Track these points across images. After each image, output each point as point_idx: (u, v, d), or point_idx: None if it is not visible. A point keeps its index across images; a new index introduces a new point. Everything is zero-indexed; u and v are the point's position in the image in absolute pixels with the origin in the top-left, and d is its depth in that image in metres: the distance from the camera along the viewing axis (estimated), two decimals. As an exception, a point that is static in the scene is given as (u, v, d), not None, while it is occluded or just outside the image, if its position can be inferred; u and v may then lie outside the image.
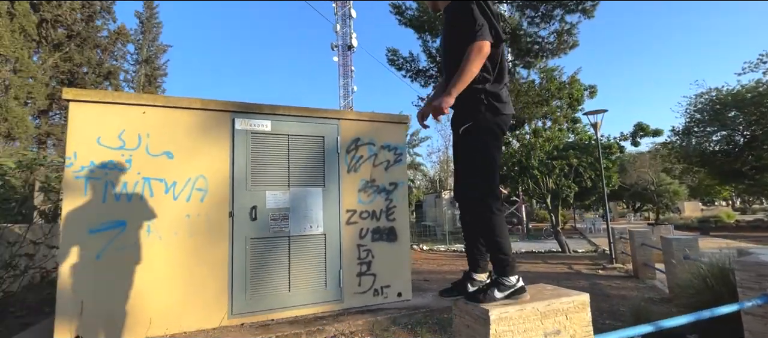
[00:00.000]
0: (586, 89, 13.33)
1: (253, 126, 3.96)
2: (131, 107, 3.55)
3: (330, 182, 4.24)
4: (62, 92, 3.44)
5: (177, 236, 3.57)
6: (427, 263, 13.00)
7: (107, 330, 3.25)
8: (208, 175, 3.75)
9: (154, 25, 29.61)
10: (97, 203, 3.34)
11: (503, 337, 1.63)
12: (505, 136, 1.97)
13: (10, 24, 9.66)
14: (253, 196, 3.89)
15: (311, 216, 4.10)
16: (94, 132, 3.40)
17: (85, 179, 3.33)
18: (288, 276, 3.95)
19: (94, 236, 3.30)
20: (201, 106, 3.79)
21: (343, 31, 72.60)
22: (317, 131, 4.26)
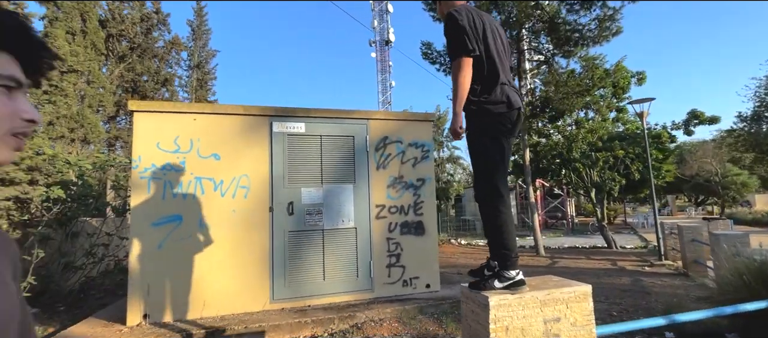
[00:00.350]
0: (634, 76, 12.54)
1: (288, 128, 4.31)
2: (184, 115, 4.02)
3: (360, 179, 4.50)
4: (128, 104, 3.98)
5: (225, 229, 4.00)
6: (464, 257, 12.99)
7: (169, 311, 3.75)
8: (251, 174, 4.15)
9: (203, 31, 31.59)
10: (157, 199, 3.84)
11: (502, 321, 1.79)
12: (513, 131, 2.08)
13: (83, 41, 10.94)
14: (290, 192, 4.24)
15: (343, 211, 4.39)
16: (154, 138, 3.90)
17: (147, 179, 3.84)
18: (322, 266, 4.27)
19: (155, 228, 3.81)
20: (243, 112, 4.20)
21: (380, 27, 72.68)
22: (347, 131, 4.52)
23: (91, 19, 11.37)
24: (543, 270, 9.00)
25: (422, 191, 4.73)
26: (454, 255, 14.21)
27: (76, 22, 10.77)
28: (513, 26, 11.04)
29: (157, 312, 3.71)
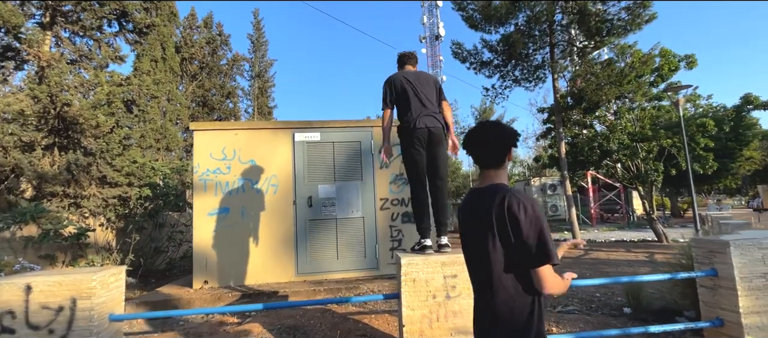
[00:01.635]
0: (682, 60, 11.78)
1: (307, 138, 5.37)
2: (228, 131, 5.26)
3: (366, 177, 5.43)
4: (190, 125, 5.32)
5: (260, 218, 5.18)
6: None
7: (221, 278, 5.01)
8: (278, 174, 5.28)
9: (262, 43, 34.59)
10: (211, 196, 5.12)
11: (411, 275, 2.61)
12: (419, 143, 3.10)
13: (164, 66, 13.22)
14: (309, 188, 5.30)
15: (352, 203, 5.36)
16: (207, 149, 5.19)
17: (204, 181, 5.14)
18: (336, 248, 5.28)
19: (210, 217, 5.09)
20: (272, 126, 5.34)
21: (429, 22, 72.36)
22: (355, 137, 5.47)
23: (169, 47, 13.67)
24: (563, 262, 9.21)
25: (421, 185, 5.51)
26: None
27: (157, 51, 13.07)
28: (540, 21, 11.16)
29: (212, 279, 4.99)
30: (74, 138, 6.08)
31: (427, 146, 3.08)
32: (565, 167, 12.38)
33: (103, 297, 2.40)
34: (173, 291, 4.86)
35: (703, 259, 3.12)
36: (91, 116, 5.75)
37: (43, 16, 7.35)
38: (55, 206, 5.93)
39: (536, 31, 11.12)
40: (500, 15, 11.27)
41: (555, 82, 12.29)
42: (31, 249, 5.76)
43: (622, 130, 11.80)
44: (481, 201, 1.40)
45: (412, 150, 3.05)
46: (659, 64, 12.12)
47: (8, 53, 6.76)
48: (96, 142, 6.13)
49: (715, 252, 3.02)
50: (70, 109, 5.72)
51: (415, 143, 3.00)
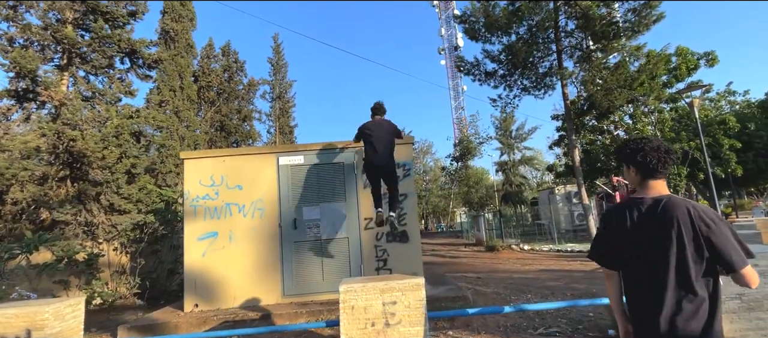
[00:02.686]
0: (701, 58, 11.15)
1: (291, 161, 5.50)
2: (216, 158, 5.49)
3: (350, 197, 5.48)
4: (180, 154, 5.59)
5: (247, 241, 5.32)
6: (509, 263, 12.96)
7: (211, 301, 5.16)
8: (264, 198, 5.43)
9: (281, 66, 35.82)
10: (200, 221, 5.33)
11: (350, 302, 2.61)
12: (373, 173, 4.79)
13: (182, 94, 14.03)
14: (294, 211, 5.41)
15: (336, 224, 5.41)
16: (197, 177, 5.42)
17: (194, 206, 5.36)
18: (321, 268, 5.33)
19: (200, 242, 5.28)
20: (257, 152, 5.53)
21: (448, 33, 72.15)
22: (337, 159, 5.56)
23: (186, 76, 14.50)
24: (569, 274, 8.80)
25: (405, 204, 5.50)
26: (502, 261, 14.17)
27: (175, 81, 13.89)
28: (543, 28, 10.97)
29: (203, 302, 5.16)
30: (83, 170, 6.57)
31: (377, 171, 4.80)
32: (580, 175, 11.93)
33: (57, 327, 2.55)
34: (163, 315, 5.05)
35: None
36: (96, 149, 6.21)
37: (61, 58, 8.07)
38: (70, 233, 6.35)
39: (540, 38, 10.92)
40: (501, 25, 11.19)
41: (564, 89, 11.98)
42: (46, 275, 6.18)
43: (638, 134, 11.28)
44: (659, 211, 1.52)
45: (369, 177, 4.91)
46: (676, 63, 11.58)
47: (28, 95, 7.46)
48: (102, 173, 6.60)
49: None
50: (76, 143, 6.22)
51: (371, 172, 4.82)
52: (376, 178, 4.85)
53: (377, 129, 4.80)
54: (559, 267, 10.46)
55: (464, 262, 14.89)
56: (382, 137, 4.74)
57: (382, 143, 4.70)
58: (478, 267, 12.11)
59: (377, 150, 4.68)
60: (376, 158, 4.68)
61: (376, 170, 4.74)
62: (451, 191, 38.98)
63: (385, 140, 4.75)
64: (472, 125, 37.73)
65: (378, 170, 4.75)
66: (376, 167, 4.72)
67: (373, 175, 4.82)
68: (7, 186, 5.66)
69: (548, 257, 14.76)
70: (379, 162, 4.67)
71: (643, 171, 1.61)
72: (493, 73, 12.24)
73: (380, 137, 4.74)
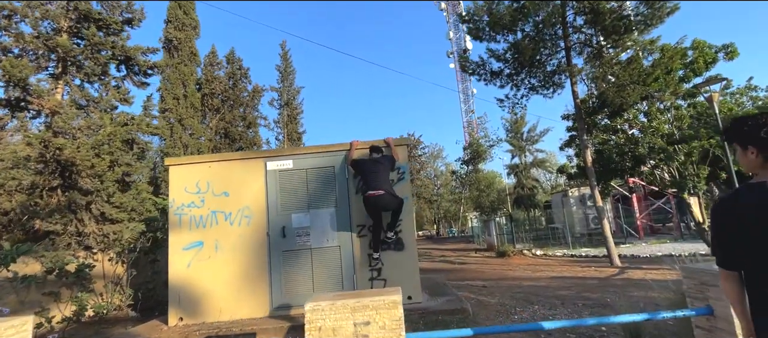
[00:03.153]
0: (719, 51, 10.54)
1: (279, 166, 5.24)
2: (201, 164, 5.26)
3: (341, 203, 5.17)
4: (165, 161, 5.38)
5: (234, 251, 5.05)
6: (520, 269, 12.44)
7: (196, 315, 4.90)
8: (251, 205, 5.16)
9: (289, 73, 35.96)
10: (185, 230, 5.09)
11: (315, 323, 2.29)
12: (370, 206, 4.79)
13: (185, 102, 14.01)
14: (283, 218, 5.13)
15: (327, 231, 5.10)
16: (182, 184, 5.20)
17: (179, 215, 5.13)
18: (312, 279, 5.02)
19: (185, 252, 5.04)
20: (243, 156, 5.28)
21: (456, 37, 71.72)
22: (328, 162, 5.26)
23: (190, 84, 14.51)
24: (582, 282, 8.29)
25: (400, 209, 5.16)
26: (513, 267, 13.64)
27: (179, 90, 13.90)
28: (550, 24, 10.55)
29: (187, 316, 4.90)
30: (73, 179, 6.46)
31: (376, 204, 4.78)
32: (592, 177, 11.39)
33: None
34: (146, 330, 4.81)
35: (695, 293, 2.52)
36: (85, 157, 6.09)
37: (56, 67, 8.06)
38: (61, 244, 6.22)
39: (547, 35, 10.49)
40: (505, 23, 10.80)
41: (573, 87, 11.50)
42: (35, 287, 6.02)
43: (653, 133, 10.71)
44: None
45: (367, 209, 4.91)
46: (693, 57, 11.00)
47: (21, 104, 7.43)
48: (92, 181, 6.46)
49: (707, 285, 2.43)
50: (62, 152, 6.11)
51: (368, 206, 4.82)
52: (378, 214, 4.85)
53: (372, 166, 4.92)
54: (571, 274, 9.93)
55: (473, 268, 14.40)
56: (377, 173, 4.82)
57: (377, 180, 4.77)
58: (487, 274, 11.64)
59: (370, 184, 4.76)
60: (371, 191, 4.71)
61: (375, 203, 4.73)
62: (462, 196, 38.34)
63: (382, 174, 4.85)
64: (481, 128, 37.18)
65: (378, 203, 4.73)
66: (375, 198, 4.71)
67: (377, 210, 4.82)
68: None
69: (561, 262, 14.17)
70: (375, 194, 4.68)
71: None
72: (499, 72, 11.84)
73: (377, 173, 4.82)
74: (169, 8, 14.82)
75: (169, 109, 13.01)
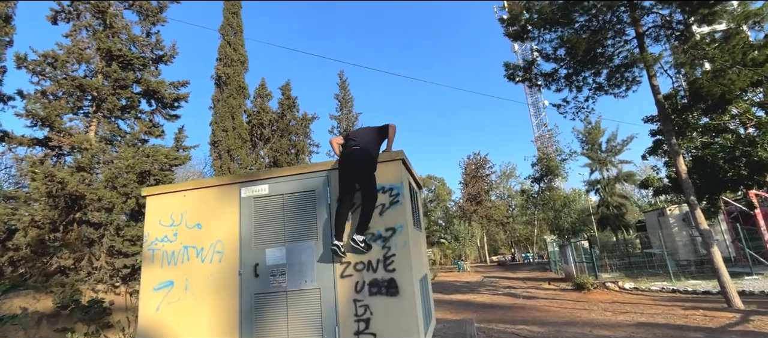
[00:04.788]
0: None
1: (254, 192, 4.50)
2: (176, 193, 4.75)
3: (323, 234, 4.23)
4: (142, 191, 4.98)
5: (204, 291, 4.37)
6: (597, 309, 10.13)
7: (161, 368, 4.25)
8: (224, 239, 4.47)
9: (347, 100, 36.77)
10: (157, 268, 4.55)
11: None
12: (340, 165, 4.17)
13: (233, 133, 14.53)
14: (256, 254, 4.33)
15: (305, 271, 4.17)
16: (157, 216, 4.72)
17: (152, 251, 4.62)
18: (287, 330, 4.09)
19: (155, 292, 4.48)
20: (218, 183, 4.65)
21: (521, 49, 68.28)
22: (308, 186, 4.39)
23: (238, 116, 15.09)
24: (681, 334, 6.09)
25: (393, 242, 4.06)
26: (586, 306, 11.24)
27: (228, 122, 14.50)
28: (612, 8, 8.73)
29: (153, 369, 4.26)
30: (83, 213, 6.56)
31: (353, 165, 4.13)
32: (690, 191, 8.96)
33: None
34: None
35: None
36: (91, 190, 6.13)
37: (90, 105, 8.67)
38: (75, 278, 6.21)
39: (605, 21, 8.64)
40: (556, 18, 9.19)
41: (652, 80, 9.33)
42: (46, 323, 6.00)
43: (776, 128, 8.08)
44: None
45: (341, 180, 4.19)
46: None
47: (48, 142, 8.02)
48: (100, 215, 6.47)
49: None
50: (65, 187, 6.22)
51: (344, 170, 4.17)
52: (349, 180, 4.07)
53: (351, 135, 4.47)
54: (667, 319, 7.57)
55: (538, 305, 12.20)
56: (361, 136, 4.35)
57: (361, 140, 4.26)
58: (552, 315, 9.58)
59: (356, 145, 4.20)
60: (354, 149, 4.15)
61: (353, 162, 4.05)
62: (535, 216, 34.65)
63: (365, 138, 4.30)
64: (552, 140, 33.38)
65: (354, 164, 4.05)
66: (352, 158, 4.08)
67: (348, 172, 4.07)
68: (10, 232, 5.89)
69: (657, 300, 11.33)
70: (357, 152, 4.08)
71: None
72: (553, 74, 10.11)
73: (352, 136, 4.39)
74: (220, 47, 15.89)
75: (218, 141, 13.59)
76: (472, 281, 23.61)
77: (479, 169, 51.05)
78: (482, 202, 48.66)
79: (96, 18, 8.73)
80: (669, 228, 20.88)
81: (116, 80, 8.35)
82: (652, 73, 9.30)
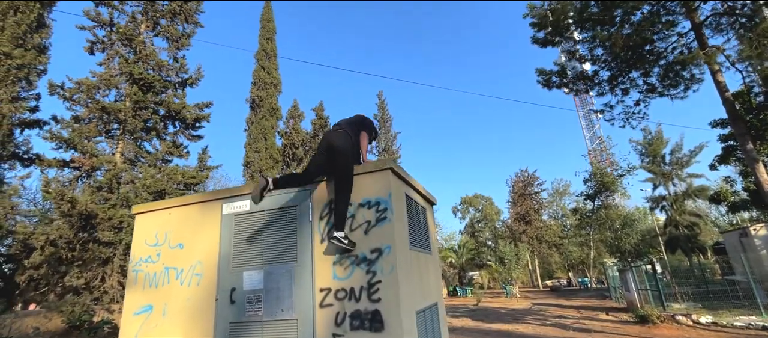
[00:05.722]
0: None
1: (235, 209, 4.14)
2: (163, 211, 4.52)
3: (303, 256, 3.73)
4: (132, 209, 4.83)
5: (180, 317, 4.02)
6: None
7: (134, 401, 3.91)
8: (203, 260, 4.13)
9: (386, 120, 36.76)
10: (139, 291, 4.30)
11: None
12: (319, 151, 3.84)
13: (265, 154, 14.77)
14: (233, 278, 3.92)
15: (282, 298, 3.67)
16: (144, 235, 4.51)
17: (136, 272, 4.40)
18: (261, 367, 3.59)
19: (135, 317, 4.21)
20: (201, 199, 4.36)
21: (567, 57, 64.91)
22: (289, 201, 3.95)
23: (270, 137, 15.37)
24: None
25: (378, 266, 3.45)
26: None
27: (260, 143, 14.79)
28: None
29: (127, 402, 3.94)
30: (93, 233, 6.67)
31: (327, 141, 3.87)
32: (776, 206, 7.38)
33: None
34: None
35: None
36: (101, 209, 6.22)
37: (118, 128, 9.11)
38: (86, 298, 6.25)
39: (650, 9, 7.52)
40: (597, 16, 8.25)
41: (716, 77, 7.98)
42: (57, 344, 6.01)
43: None
44: None
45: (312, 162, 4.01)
46: None
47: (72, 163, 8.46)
48: (110, 234, 6.52)
49: None
50: (74, 206, 6.35)
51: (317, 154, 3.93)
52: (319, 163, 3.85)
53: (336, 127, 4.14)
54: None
55: (589, 341, 10.71)
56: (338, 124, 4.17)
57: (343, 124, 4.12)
58: (603, 354, 8.23)
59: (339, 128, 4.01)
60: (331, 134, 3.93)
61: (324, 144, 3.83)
62: (590, 237, 31.61)
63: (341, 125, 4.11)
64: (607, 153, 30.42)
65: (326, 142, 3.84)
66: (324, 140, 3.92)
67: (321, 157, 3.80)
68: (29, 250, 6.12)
69: (742, 339, 9.43)
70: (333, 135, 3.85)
71: None
72: (592, 77, 9.04)
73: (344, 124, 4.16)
74: (254, 71, 16.49)
75: (250, 162, 13.88)
76: (519, 308, 21.75)
77: (527, 186, 48.32)
78: (531, 222, 45.71)
79: (125, 45, 9.37)
80: (755, 251, 17.89)
81: (136, 102, 8.80)
82: (716, 69, 7.96)
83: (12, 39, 7.85)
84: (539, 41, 8.81)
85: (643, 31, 8.10)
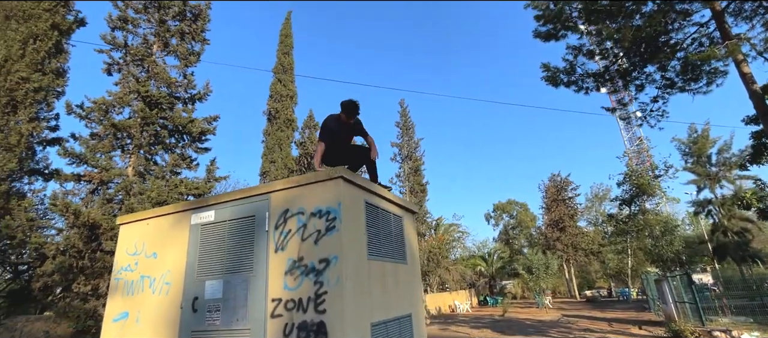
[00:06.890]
0: None
1: (201, 219, 4.24)
2: (142, 221, 4.71)
3: (258, 266, 3.74)
4: (117, 220, 5.06)
5: (150, 326, 4.14)
6: None
7: (107, 405, 4.06)
8: (173, 269, 4.24)
9: (408, 127, 36.64)
10: (118, 298, 4.49)
11: None
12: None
13: (280, 164, 15.14)
14: (197, 287, 4.00)
15: (237, 308, 3.70)
16: (125, 245, 4.72)
17: (117, 280, 4.60)
18: (217, 376, 3.61)
19: (114, 324, 4.39)
20: (173, 210, 4.50)
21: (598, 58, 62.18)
22: (249, 210, 3.99)
23: (285, 147, 15.75)
24: None
25: (326, 276, 3.39)
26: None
27: (276, 154, 15.20)
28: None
29: (102, 406, 4.10)
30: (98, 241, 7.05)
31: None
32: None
33: None
34: None
35: None
36: (105, 219, 6.59)
37: (131, 143, 9.70)
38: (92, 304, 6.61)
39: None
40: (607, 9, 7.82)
41: (741, 68, 7.30)
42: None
43: None
44: None
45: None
46: None
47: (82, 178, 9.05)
48: (113, 244, 6.86)
49: None
50: (78, 217, 6.75)
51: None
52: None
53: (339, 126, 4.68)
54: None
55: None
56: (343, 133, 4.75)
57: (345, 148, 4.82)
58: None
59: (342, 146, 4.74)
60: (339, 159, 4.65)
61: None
62: (627, 245, 29.54)
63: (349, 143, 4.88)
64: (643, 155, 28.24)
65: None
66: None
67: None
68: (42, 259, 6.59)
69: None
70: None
71: None
72: (602, 73, 8.54)
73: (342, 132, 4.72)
74: (271, 84, 17.06)
75: (266, 172, 14.28)
76: (546, 319, 20.71)
77: (561, 192, 46.25)
78: (565, 228, 43.61)
79: (137, 65, 10.05)
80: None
81: (143, 118, 9.37)
82: (741, 60, 7.27)
83: (30, 65, 8.69)
84: (542, 35, 8.43)
85: (656, 23, 7.57)
